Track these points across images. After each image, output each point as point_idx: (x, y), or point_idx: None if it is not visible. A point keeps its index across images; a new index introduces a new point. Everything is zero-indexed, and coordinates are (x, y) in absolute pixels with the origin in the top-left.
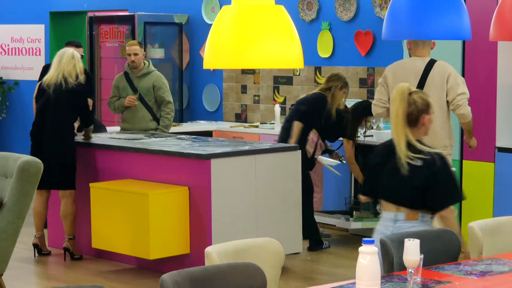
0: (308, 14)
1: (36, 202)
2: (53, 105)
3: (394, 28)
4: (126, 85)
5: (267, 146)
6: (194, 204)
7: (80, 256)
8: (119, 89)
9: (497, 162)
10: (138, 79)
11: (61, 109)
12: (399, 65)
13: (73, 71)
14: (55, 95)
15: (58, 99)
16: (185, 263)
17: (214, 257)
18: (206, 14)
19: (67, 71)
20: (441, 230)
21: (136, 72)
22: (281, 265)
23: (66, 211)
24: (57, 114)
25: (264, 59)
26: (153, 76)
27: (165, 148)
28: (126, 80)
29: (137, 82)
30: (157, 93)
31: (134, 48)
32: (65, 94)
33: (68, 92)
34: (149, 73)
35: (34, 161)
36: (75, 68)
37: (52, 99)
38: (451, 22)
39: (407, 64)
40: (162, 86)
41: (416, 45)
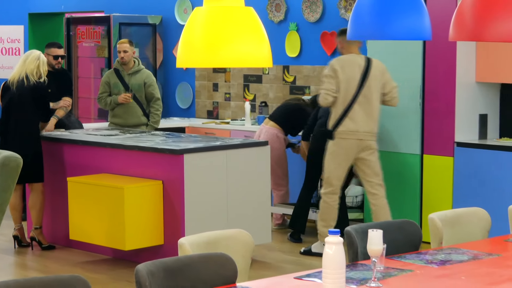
0: (277, 16)
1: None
2: (16, 102)
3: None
4: (118, 82)
5: (238, 141)
6: (167, 197)
7: (48, 244)
8: (111, 86)
9: (456, 157)
10: (129, 76)
11: (24, 105)
12: (344, 59)
13: (36, 70)
14: (18, 93)
15: (20, 96)
16: (159, 253)
17: (187, 248)
18: (178, 15)
19: (30, 69)
20: (403, 221)
21: (127, 69)
22: (251, 255)
23: (34, 202)
24: (20, 110)
25: (235, 59)
26: (143, 73)
27: (139, 143)
28: (117, 77)
29: (128, 79)
30: (147, 90)
31: (124, 45)
32: (27, 90)
33: (30, 89)
34: (140, 71)
35: (13, 156)
36: (38, 68)
37: (15, 97)
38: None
39: (351, 59)
40: (152, 83)
41: (349, 43)
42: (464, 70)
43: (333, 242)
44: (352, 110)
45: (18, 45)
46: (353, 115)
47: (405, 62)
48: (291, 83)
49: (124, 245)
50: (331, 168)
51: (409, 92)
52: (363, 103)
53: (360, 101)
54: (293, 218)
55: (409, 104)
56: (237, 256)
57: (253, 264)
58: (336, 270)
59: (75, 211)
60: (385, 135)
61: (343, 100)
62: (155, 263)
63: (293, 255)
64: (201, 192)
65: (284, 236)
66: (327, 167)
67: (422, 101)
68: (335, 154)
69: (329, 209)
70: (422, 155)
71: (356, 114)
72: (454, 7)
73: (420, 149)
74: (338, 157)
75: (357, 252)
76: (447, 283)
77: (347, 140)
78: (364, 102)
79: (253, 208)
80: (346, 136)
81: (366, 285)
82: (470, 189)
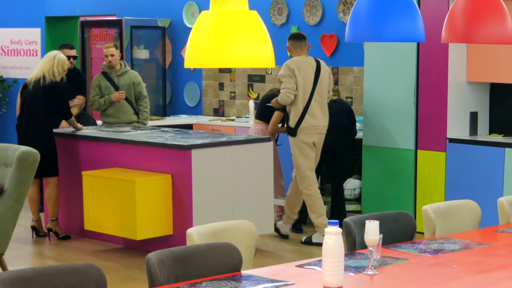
0: (279, 19)
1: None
2: (30, 100)
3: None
4: (108, 84)
5: (242, 137)
6: (176, 190)
7: (64, 235)
8: (101, 88)
9: (448, 152)
10: (118, 77)
11: (38, 103)
12: (298, 61)
13: (51, 69)
14: (33, 91)
15: (34, 94)
16: (168, 243)
17: (194, 237)
18: (186, 18)
19: (46, 69)
20: (398, 213)
21: (115, 71)
22: (255, 244)
23: (50, 195)
24: (34, 108)
25: (239, 59)
26: (131, 74)
27: (150, 139)
28: (106, 79)
29: (117, 80)
30: (136, 89)
31: (111, 50)
32: (41, 89)
33: (43, 88)
34: (127, 72)
35: (31, 152)
36: (52, 67)
37: (30, 95)
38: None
39: (304, 60)
40: (140, 82)
41: (297, 47)
42: (455, 70)
43: (332, 233)
44: (310, 107)
45: (35, 46)
46: (312, 111)
47: (400, 63)
48: None
49: (135, 235)
50: (302, 161)
51: (404, 91)
52: (318, 100)
53: (315, 98)
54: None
55: (404, 102)
56: (241, 245)
57: (257, 253)
58: (335, 259)
59: (90, 203)
60: (382, 132)
61: (302, 98)
62: (165, 252)
63: (294, 244)
64: (208, 185)
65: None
66: (299, 163)
67: (416, 100)
68: (302, 149)
69: (314, 201)
70: (416, 150)
71: (314, 110)
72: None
73: (414, 144)
74: (305, 150)
75: (355, 242)
76: (440, 271)
77: (310, 134)
78: (319, 99)
79: (256, 200)
80: (309, 131)
81: (363, 273)
82: (461, 182)
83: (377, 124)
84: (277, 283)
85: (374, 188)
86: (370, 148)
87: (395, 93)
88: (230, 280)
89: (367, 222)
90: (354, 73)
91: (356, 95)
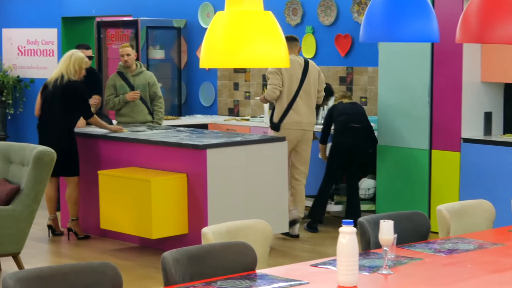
0: (294, 19)
1: (47, 188)
2: (50, 100)
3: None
4: (123, 84)
5: (257, 137)
6: (191, 190)
7: (84, 235)
8: (117, 88)
9: (462, 152)
10: (133, 77)
11: (56, 103)
12: None
13: (68, 69)
14: (52, 91)
15: (53, 94)
16: (184, 242)
17: (209, 236)
18: (202, 19)
19: (64, 69)
20: (412, 212)
21: (131, 71)
22: (269, 243)
23: (70, 195)
24: (53, 108)
25: (254, 59)
26: (146, 74)
27: (165, 139)
28: (122, 79)
29: (132, 80)
30: (151, 89)
31: (127, 49)
32: (59, 89)
33: (61, 87)
34: (142, 72)
35: (48, 151)
36: (69, 66)
37: (50, 94)
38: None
39: (292, 58)
40: (155, 82)
41: (289, 47)
42: (470, 70)
43: (346, 232)
44: (295, 104)
45: (52, 47)
46: (296, 108)
47: (415, 63)
48: None
49: (151, 234)
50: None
51: (418, 91)
52: (304, 97)
53: (301, 96)
54: (313, 208)
55: (418, 102)
56: (256, 244)
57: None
58: (350, 258)
59: (106, 202)
60: (396, 131)
61: (287, 95)
62: (180, 251)
63: (309, 244)
64: (223, 184)
65: (301, 225)
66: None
67: (431, 100)
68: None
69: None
70: (431, 150)
71: (299, 107)
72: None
73: (429, 144)
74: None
75: (369, 241)
76: (454, 271)
77: (293, 130)
78: (305, 97)
79: (271, 200)
80: (291, 126)
81: (377, 273)
82: (475, 182)
83: (391, 124)
84: (292, 282)
85: (388, 187)
86: (385, 148)
87: (410, 93)
88: (244, 279)
89: (382, 221)
90: (369, 73)
91: (370, 95)
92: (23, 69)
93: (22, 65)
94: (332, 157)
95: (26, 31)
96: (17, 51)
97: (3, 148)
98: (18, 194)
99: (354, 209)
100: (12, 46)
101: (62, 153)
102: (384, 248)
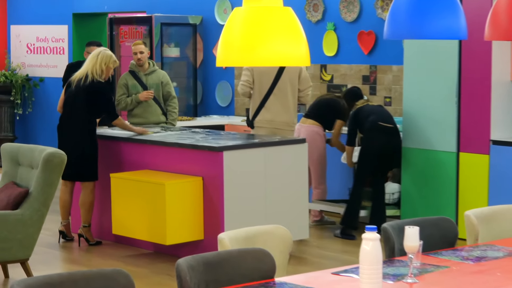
0: (314, 15)
1: (61, 192)
2: (72, 100)
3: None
4: (136, 83)
5: (276, 139)
6: (207, 193)
7: (95, 241)
8: (129, 87)
9: (491, 154)
10: (146, 76)
11: (79, 104)
12: None
13: (94, 68)
14: (75, 91)
15: (76, 94)
16: (199, 248)
17: (226, 242)
18: (218, 15)
19: (90, 68)
20: (439, 218)
21: (143, 70)
22: (289, 250)
23: (84, 200)
24: (75, 108)
25: (273, 58)
26: (160, 73)
27: (180, 141)
28: (134, 78)
29: (145, 79)
30: (164, 88)
31: (140, 47)
32: (82, 89)
33: (85, 87)
34: (155, 71)
35: (58, 153)
36: (95, 65)
37: (72, 95)
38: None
39: None
40: (169, 82)
41: None
42: (499, 69)
43: (370, 239)
44: (268, 102)
45: (62, 44)
46: (269, 105)
47: (442, 61)
48: (328, 81)
49: (165, 240)
50: None
51: (445, 91)
52: (279, 96)
53: (275, 93)
54: (346, 214)
55: (445, 103)
56: (275, 251)
57: (291, 259)
58: (373, 266)
59: (118, 207)
60: (422, 133)
61: (258, 92)
62: (195, 258)
63: (331, 251)
64: (240, 188)
65: (322, 232)
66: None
67: (458, 100)
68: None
69: None
70: (458, 153)
71: (272, 105)
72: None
73: (456, 147)
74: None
75: (393, 248)
76: (483, 279)
77: (265, 128)
78: (280, 95)
79: (291, 204)
80: (263, 125)
81: (402, 281)
82: (505, 186)
83: (417, 125)
84: None
85: (413, 192)
86: (410, 151)
87: (436, 92)
88: (262, 287)
89: (407, 227)
90: (393, 71)
91: (395, 95)
92: (32, 67)
93: (31, 64)
94: (362, 159)
95: (35, 28)
96: (26, 48)
97: (12, 150)
98: (26, 198)
99: (379, 214)
100: (20, 43)
101: (81, 156)
102: (409, 255)
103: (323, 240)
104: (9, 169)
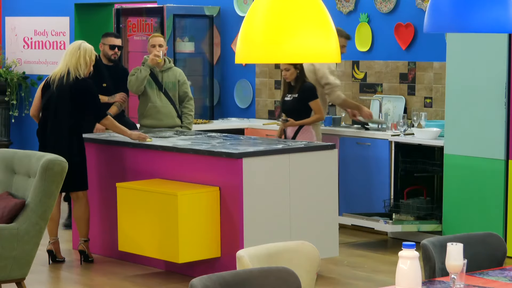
0: (346, 6)
1: None
2: (54, 102)
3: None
4: (150, 79)
5: (302, 144)
6: (225, 205)
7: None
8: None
9: None
10: (162, 73)
11: (63, 104)
12: None
13: (78, 63)
14: (57, 93)
15: (58, 96)
16: (216, 267)
17: (246, 261)
18: (238, 6)
19: (71, 64)
20: (485, 234)
21: (159, 66)
22: (316, 269)
23: (79, 213)
24: (59, 110)
25: (299, 53)
26: (176, 71)
27: (195, 146)
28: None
29: (161, 76)
30: (181, 88)
31: (160, 39)
32: (66, 89)
33: (69, 87)
34: (171, 68)
35: (58, 160)
36: (79, 60)
37: (53, 97)
38: (497, 14)
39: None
40: (186, 81)
41: None
42: None
43: (407, 257)
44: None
45: (63, 38)
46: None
47: (489, 58)
48: (361, 80)
49: (177, 258)
50: None
51: (493, 91)
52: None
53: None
54: None
55: (493, 105)
56: (300, 270)
57: (319, 279)
58: (411, 287)
59: (125, 220)
60: (467, 138)
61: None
62: (211, 278)
63: (363, 270)
64: (262, 199)
65: (353, 249)
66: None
67: (508, 101)
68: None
69: None
70: (507, 160)
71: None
72: None
73: (505, 153)
74: None
75: (434, 267)
76: None
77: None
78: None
79: (318, 218)
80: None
81: None
82: None
83: (461, 129)
84: None
85: (457, 204)
86: (453, 157)
87: (483, 93)
88: None
89: (449, 244)
90: (435, 69)
91: (436, 95)
92: (29, 64)
93: (28, 60)
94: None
95: (33, 20)
96: (23, 43)
97: (6, 157)
98: (23, 210)
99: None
100: (16, 37)
101: (70, 164)
102: (452, 275)
103: (355, 258)
104: (4, 177)
